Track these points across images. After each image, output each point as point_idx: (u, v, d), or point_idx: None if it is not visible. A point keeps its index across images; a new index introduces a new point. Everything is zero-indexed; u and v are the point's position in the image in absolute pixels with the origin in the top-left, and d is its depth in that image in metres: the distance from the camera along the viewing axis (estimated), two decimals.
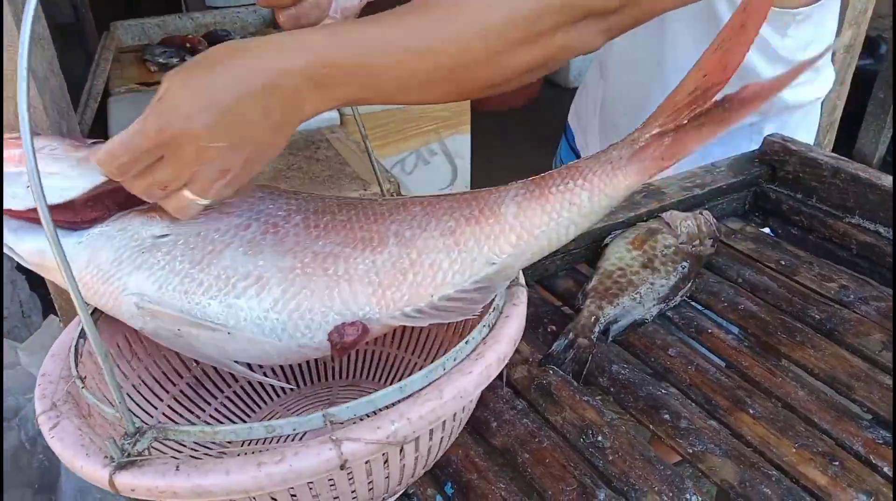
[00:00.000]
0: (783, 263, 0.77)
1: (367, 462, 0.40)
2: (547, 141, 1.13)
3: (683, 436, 0.57)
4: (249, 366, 0.47)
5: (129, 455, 0.37)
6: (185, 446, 0.49)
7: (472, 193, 0.48)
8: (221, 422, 0.55)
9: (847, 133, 1.72)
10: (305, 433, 0.41)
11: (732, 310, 0.71)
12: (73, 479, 0.51)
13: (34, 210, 0.42)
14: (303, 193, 0.51)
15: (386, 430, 0.37)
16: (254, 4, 2.89)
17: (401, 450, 0.41)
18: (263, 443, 0.53)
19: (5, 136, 0.47)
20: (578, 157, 1.11)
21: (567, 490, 0.53)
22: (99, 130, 1.58)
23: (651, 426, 0.58)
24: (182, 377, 0.55)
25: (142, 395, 0.50)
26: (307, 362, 0.61)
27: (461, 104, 1.86)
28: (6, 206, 0.46)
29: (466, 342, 0.43)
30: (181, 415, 0.53)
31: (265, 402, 0.59)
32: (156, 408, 0.51)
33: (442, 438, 0.45)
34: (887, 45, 2.40)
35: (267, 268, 0.44)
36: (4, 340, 0.57)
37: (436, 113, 1.81)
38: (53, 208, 0.44)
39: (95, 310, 0.48)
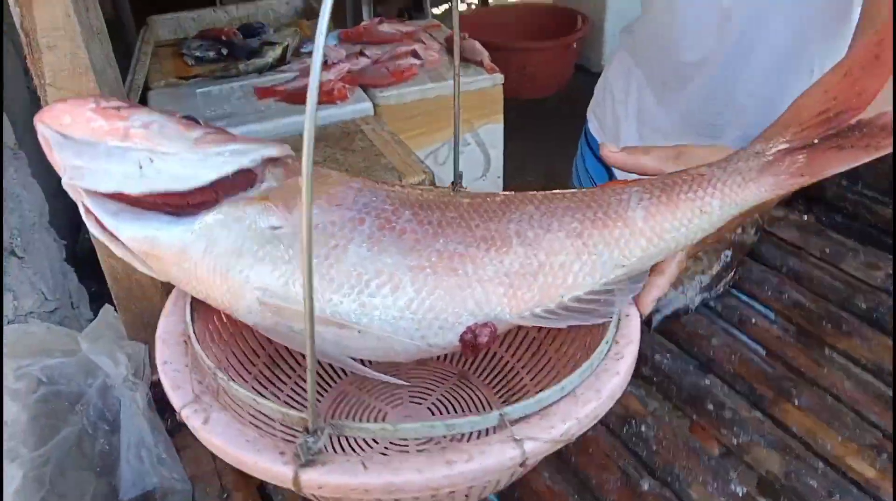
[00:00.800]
0: (828, 251, 0.76)
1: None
2: (580, 128, 1.12)
3: (728, 427, 0.57)
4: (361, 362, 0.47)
5: (311, 452, 0.36)
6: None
7: (585, 193, 0.49)
8: (298, 402, 0.54)
9: None
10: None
11: (776, 300, 0.70)
12: (131, 464, 0.53)
13: (149, 195, 0.42)
14: (389, 182, 0.50)
15: (559, 429, 0.39)
16: None
17: None
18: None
19: (101, 103, 0.44)
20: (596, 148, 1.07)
21: (611, 480, 0.53)
22: None
23: (694, 417, 0.58)
24: (259, 357, 0.54)
25: (231, 377, 0.46)
26: None
27: (494, 93, 1.86)
28: (95, 185, 0.43)
29: (607, 342, 0.44)
30: (263, 396, 0.53)
31: (334, 381, 0.58)
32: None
33: None
34: None
35: (396, 266, 0.44)
36: (62, 328, 0.59)
37: (468, 103, 1.81)
38: (161, 194, 0.43)
39: (192, 299, 0.47)
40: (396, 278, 0.43)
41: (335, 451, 0.51)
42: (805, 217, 0.82)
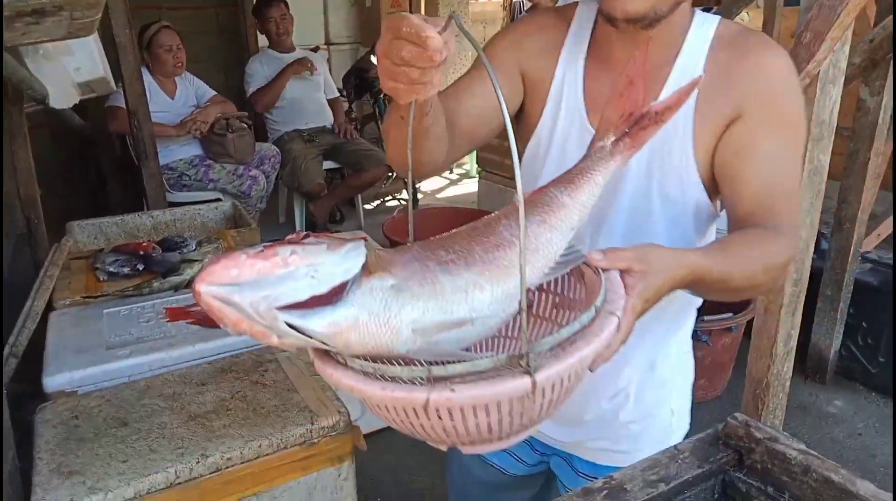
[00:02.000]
0: None
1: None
2: None
3: None
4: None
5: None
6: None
7: (533, 200, 0.75)
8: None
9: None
10: None
11: None
12: None
13: (315, 297, 0.57)
14: (424, 242, 0.71)
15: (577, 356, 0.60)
16: (215, 201, 2.95)
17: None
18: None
19: (249, 253, 0.57)
20: None
21: None
22: (31, 351, 1.49)
23: None
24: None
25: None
26: None
27: None
28: (290, 300, 0.56)
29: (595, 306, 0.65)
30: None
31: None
32: None
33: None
34: (828, 241, 2.51)
35: (472, 278, 0.64)
36: None
37: None
38: (317, 297, 0.58)
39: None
40: (478, 284, 0.65)
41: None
42: None
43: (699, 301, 1.04)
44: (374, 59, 4.68)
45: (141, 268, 1.88)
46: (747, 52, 0.88)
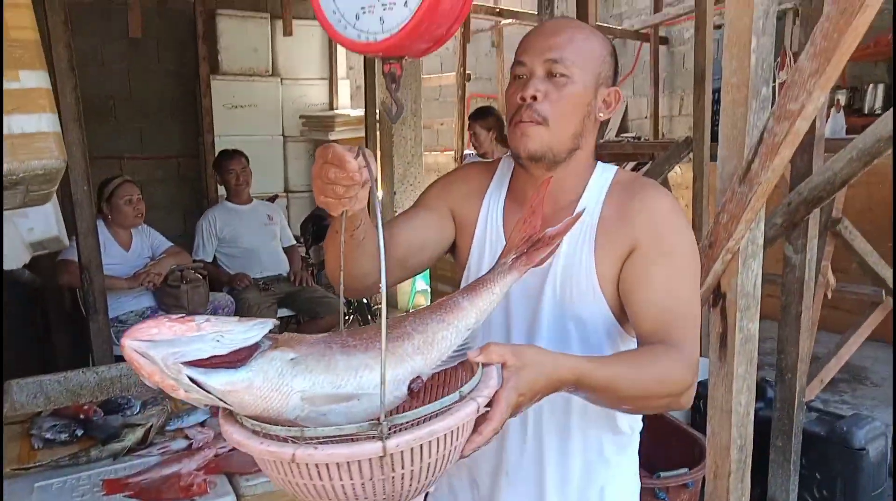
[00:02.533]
0: None
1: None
2: None
3: None
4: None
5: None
6: None
7: (440, 303, 0.89)
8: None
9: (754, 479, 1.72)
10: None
11: None
12: None
13: (215, 357, 0.69)
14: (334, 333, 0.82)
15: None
16: None
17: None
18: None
19: (171, 318, 0.70)
20: None
21: None
22: None
23: None
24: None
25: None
26: None
27: None
28: (194, 357, 0.68)
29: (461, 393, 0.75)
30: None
31: None
32: None
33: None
34: (773, 389, 2.56)
35: (365, 360, 0.75)
36: None
37: None
38: (222, 357, 0.70)
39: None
40: (369, 366, 0.75)
41: None
42: None
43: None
44: None
45: (80, 434, 1.79)
46: (637, 195, 1.04)
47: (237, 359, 0.70)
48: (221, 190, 4.20)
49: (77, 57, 2.57)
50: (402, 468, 0.69)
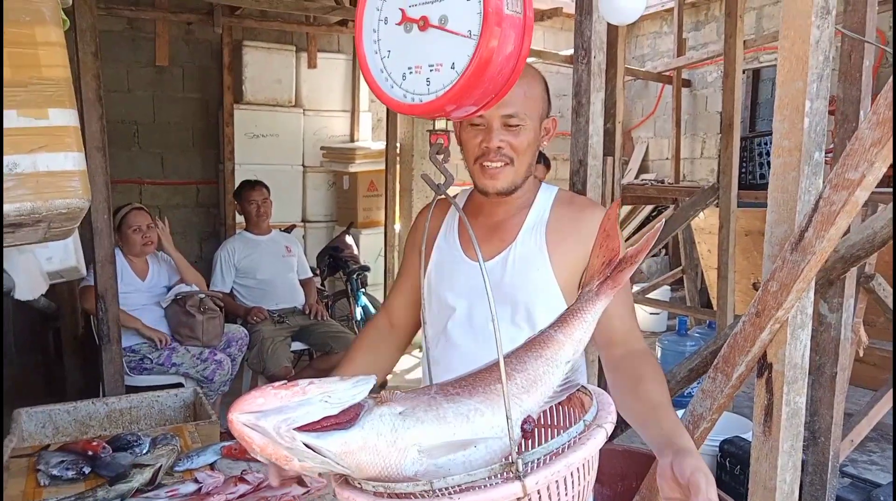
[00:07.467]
0: None
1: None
2: None
3: None
4: None
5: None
6: None
7: (534, 340, 0.87)
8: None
9: None
10: None
11: None
12: None
13: (326, 419, 0.68)
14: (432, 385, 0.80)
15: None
16: (174, 385, 2.85)
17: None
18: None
19: (273, 387, 0.68)
20: None
21: None
22: None
23: None
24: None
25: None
26: None
27: None
28: (305, 421, 0.67)
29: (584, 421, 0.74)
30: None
31: None
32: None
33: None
34: (805, 452, 2.46)
35: (474, 405, 0.74)
36: None
37: None
38: (332, 418, 0.68)
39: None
40: (479, 410, 0.74)
41: None
42: None
43: None
44: (348, 238, 4.81)
45: (87, 471, 1.74)
46: (583, 209, 1.27)
47: (346, 420, 0.69)
48: (239, 218, 4.18)
49: (103, 83, 2.57)
50: None
